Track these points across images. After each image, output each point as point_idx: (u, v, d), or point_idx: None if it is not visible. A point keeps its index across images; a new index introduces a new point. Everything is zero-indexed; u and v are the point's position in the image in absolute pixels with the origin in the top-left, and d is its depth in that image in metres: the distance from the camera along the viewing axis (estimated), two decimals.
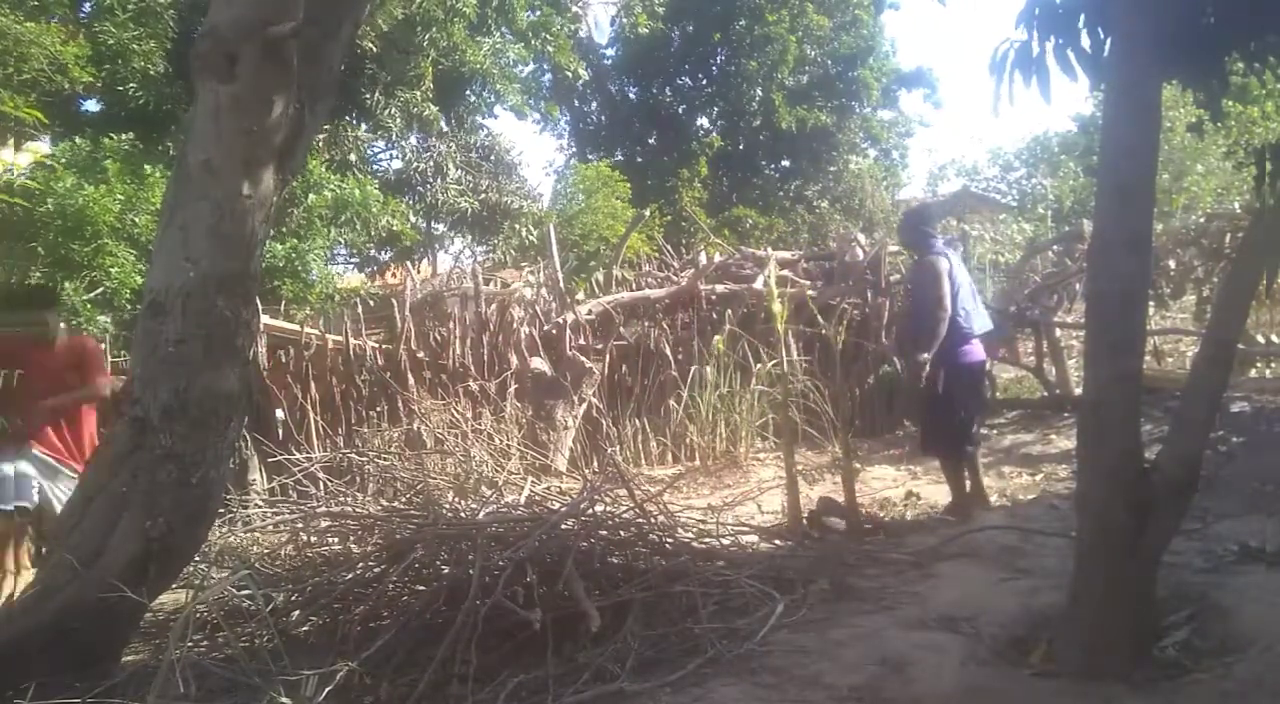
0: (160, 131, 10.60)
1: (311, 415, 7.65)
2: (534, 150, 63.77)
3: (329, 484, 6.50)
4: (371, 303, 10.89)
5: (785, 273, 9.59)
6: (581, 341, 8.80)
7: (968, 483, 6.03)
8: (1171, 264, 9.53)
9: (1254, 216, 4.87)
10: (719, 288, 9.69)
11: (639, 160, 22.89)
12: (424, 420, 7.64)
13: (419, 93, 13.36)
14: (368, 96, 12.83)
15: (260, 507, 6.49)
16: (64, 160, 8.99)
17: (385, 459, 6.91)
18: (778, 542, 5.54)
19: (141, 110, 10.25)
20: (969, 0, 15.65)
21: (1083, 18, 3.98)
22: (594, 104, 24.78)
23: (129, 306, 8.19)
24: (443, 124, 14.80)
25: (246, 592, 4.23)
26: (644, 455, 8.54)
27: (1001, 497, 6.55)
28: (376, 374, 8.11)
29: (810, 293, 9.04)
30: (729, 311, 9.25)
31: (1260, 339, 9.47)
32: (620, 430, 8.58)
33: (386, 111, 13.06)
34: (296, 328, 8.31)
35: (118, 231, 8.40)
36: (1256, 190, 4.50)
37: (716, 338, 8.65)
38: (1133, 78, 3.43)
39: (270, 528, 5.83)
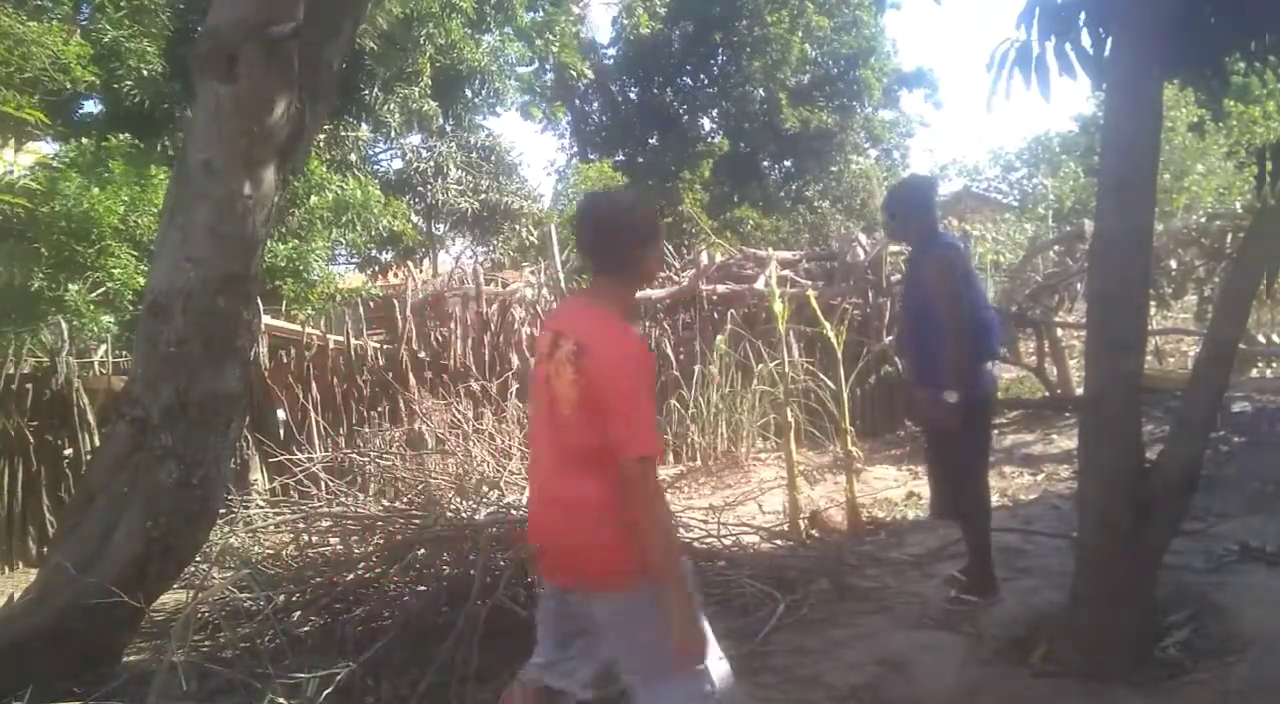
0: (159, 131, 10.58)
1: (313, 415, 7.65)
2: (535, 150, 63.90)
3: (330, 484, 6.50)
4: (372, 303, 10.89)
5: (786, 273, 9.59)
6: None
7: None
8: (1172, 264, 9.52)
9: (1255, 216, 4.86)
10: (720, 288, 9.68)
11: (640, 161, 22.88)
12: (425, 420, 7.64)
13: (417, 89, 13.33)
14: (366, 93, 12.82)
15: (261, 507, 6.49)
16: (67, 161, 8.98)
17: (386, 459, 6.91)
18: (778, 542, 5.54)
19: (138, 110, 10.23)
20: (969, 0, 15.68)
21: (1083, 17, 3.98)
22: (595, 104, 24.78)
23: (131, 307, 8.18)
24: (441, 121, 14.78)
25: (248, 592, 4.24)
26: None
27: (1003, 496, 6.55)
28: (378, 374, 8.11)
29: (811, 293, 9.04)
30: (730, 312, 9.24)
31: (1261, 339, 9.46)
32: None
33: (385, 107, 13.04)
34: (298, 328, 8.31)
35: (120, 233, 8.40)
36: (1257, 190, 4.50)
37: (719, 338, 8.65)
38: (1133, 77, 3.43)
39: (271, 528, 5.83)
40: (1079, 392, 8.09)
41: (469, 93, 14.86)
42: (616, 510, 2.26)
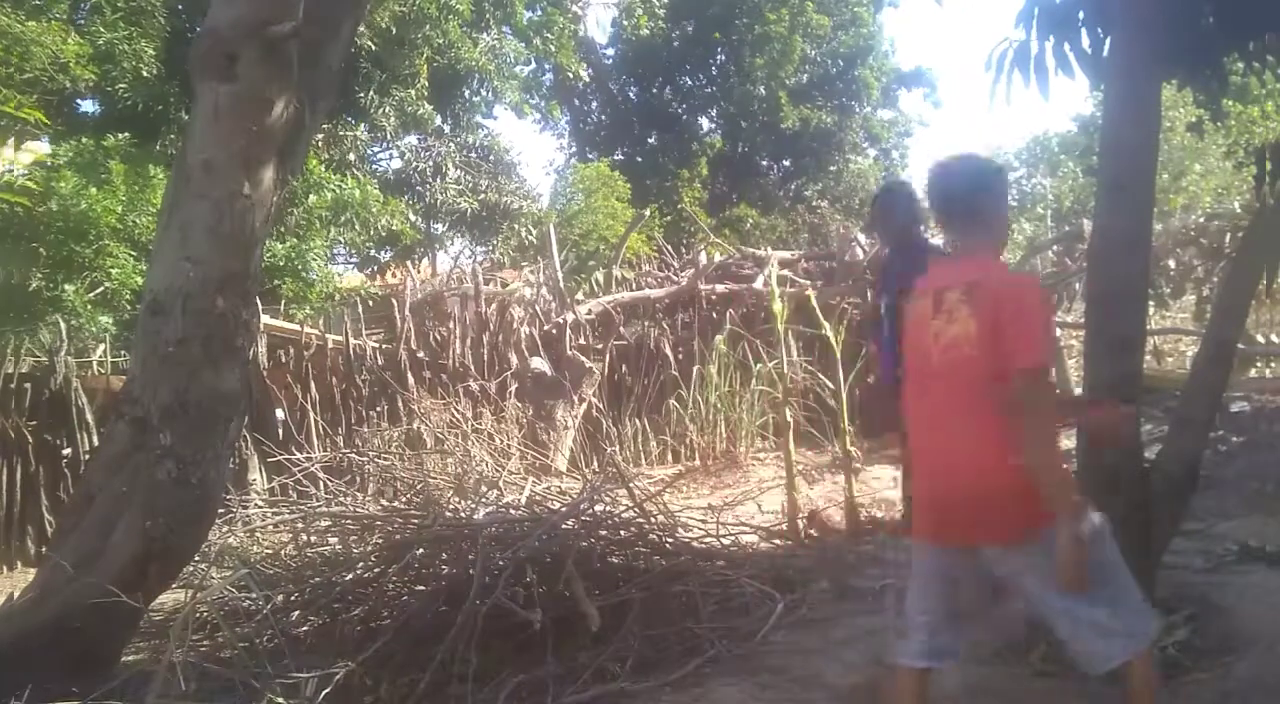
0: (156, 131, 10.56)
1: (311, 415, 7.64)
2: (534, 150, 63.58)
3: (329, 484, 6.49)
4: (371, 303, 10.88)
5: (785, 273, 9.60)
6: (581, 341, 8.79)
7: None
8: (1171, 264, 9.52)
9: (1254, 216, 4.86)
10: (719, 288, 9.69)
11: (639, 160, 22.86)
12: (424, 420, 7.64)
13: (413, 91, 13.31)
14: (362, 95, 12.80)
15: (260, 507, 6.48)
16: (65, 160, 8.97)
17: (385, 459, 6.91)
18: (777, 541, 5.54)
19: (132, 111, 10.21)
20: (968, 0, 15.72)
21: (1082, 16, 3.98)
22: (594, 104, 24.75)
23: (129, 307, 8.18)
24: (439, 122, 14.76)
25: (246, 592, 4.23)
26: (644, 455, 8.54)
27: None
28: (376, 374, 8.11)
29: (810, 292, 9.04)
30: (729, 311, 9.25)
31: (1260, 339, 9.46)
32: (620, 430, 8.58)
33: (380, 110, 13.02)
34: (296, 328, 8.30)
35: (118, 232, 8.39)
36: (1256, 190, 4.51)
37: (718, 338, 8.65)
38: (1132, 77, 3.43)
39: (270, 528, 5.82)
40: (1078, 391, 8.08)
41: (467, 92, 14.86)
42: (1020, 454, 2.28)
